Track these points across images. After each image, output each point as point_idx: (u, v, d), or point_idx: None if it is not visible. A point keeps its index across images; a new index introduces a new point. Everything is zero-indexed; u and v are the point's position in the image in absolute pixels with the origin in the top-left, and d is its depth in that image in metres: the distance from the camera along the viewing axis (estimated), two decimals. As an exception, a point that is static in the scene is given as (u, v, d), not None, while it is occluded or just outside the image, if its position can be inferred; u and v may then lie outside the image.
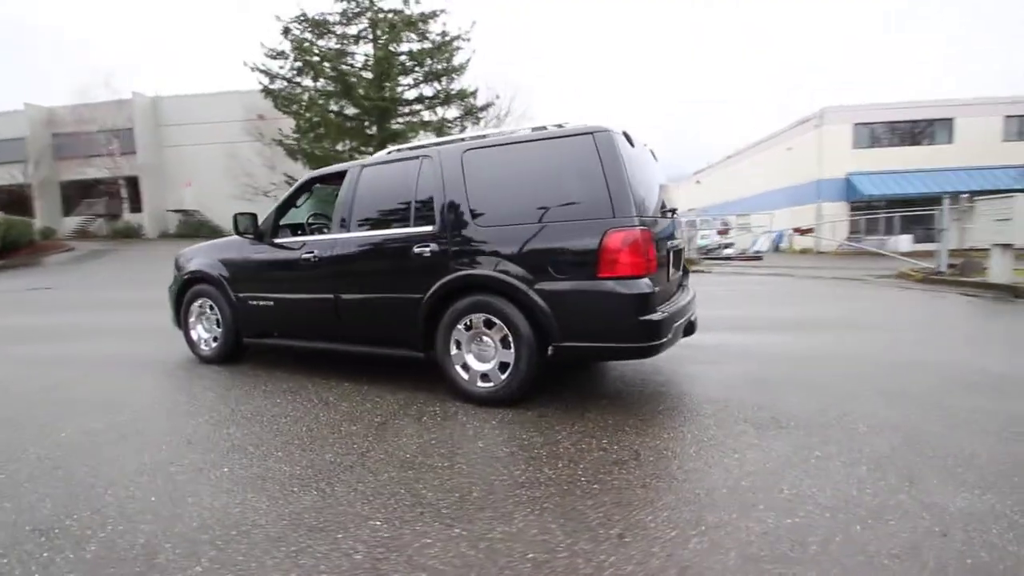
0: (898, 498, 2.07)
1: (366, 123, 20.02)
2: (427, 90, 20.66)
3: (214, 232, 25.03)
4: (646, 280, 2.92)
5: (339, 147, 19.58)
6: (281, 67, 19.40)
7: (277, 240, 4.25)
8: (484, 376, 3.30)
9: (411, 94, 20.82)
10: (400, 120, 20.39)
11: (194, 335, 4.70)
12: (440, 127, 18.84)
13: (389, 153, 3.94)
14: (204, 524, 1.99)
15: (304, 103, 19.31)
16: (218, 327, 4.53)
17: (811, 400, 3.26)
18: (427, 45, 19.57)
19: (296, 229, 4.58)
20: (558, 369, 3.97)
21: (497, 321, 3.22)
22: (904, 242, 20.86)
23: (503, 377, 3.23)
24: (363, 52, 19.88)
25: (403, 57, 19.53)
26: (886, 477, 2.24)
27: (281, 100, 19.42)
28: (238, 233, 4.27)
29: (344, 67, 18.35)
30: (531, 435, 2.79)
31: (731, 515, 1.97)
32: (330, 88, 18.92)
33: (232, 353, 4.53)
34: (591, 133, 3.09)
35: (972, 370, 3.89)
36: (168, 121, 29.71)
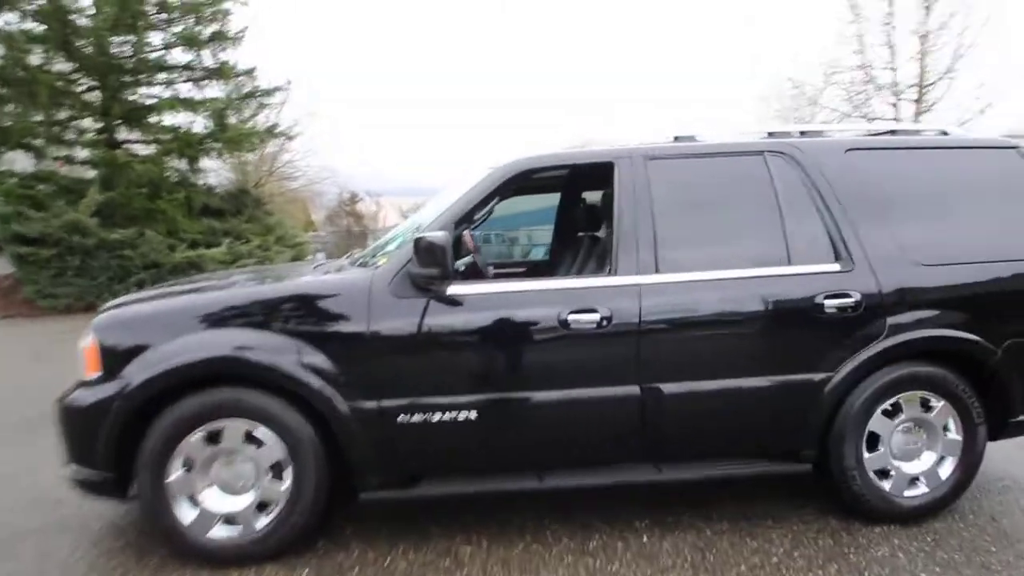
0: None
1: (81, 88, 14.17)
2: (182, 56, 15.75)
3: None
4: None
5: (39, 117, 13.36)
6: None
7: (471, 290, 2.18)
8: (914, 480, 2.29)
9: (158, 58, 15.61)
10: (148, 90, 15.05)
11: (185, 509, 2.09)
12: (224, 108, 14.56)
13: (677, 140, 2.43)
14: None
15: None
16: (284, 480, 2.10)
17: None
18: (180, -3, 14.83)
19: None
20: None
21: (938, 401, 2.26)
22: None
23: (944, 478, 2.29)
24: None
25: (150, 8, 14.42)
26: None
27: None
28: (433, 268, 1.99)
29: (64, 3, 12.47)
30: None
31: None
32: (32, 30, 12.62)
33: (314, 527, 2.19)
34: (1015, 148, 2.46)
35: None
36: None
